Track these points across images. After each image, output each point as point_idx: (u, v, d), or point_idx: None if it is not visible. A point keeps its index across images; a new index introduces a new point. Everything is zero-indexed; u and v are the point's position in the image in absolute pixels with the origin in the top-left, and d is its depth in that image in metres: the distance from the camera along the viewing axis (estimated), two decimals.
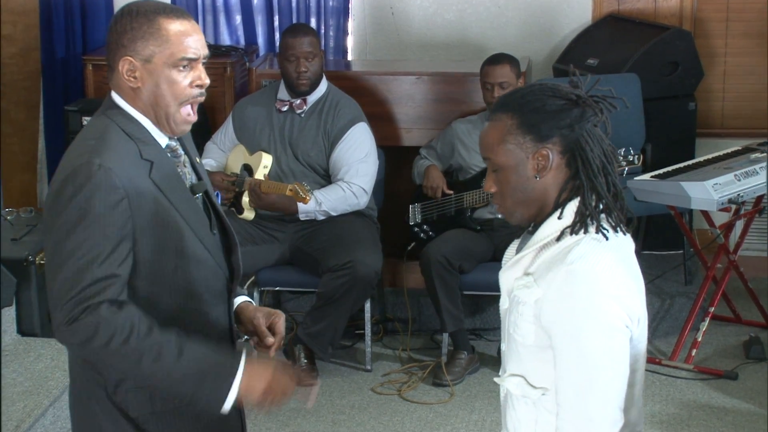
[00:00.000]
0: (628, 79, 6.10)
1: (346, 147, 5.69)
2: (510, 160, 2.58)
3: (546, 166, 2.56)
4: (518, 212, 2.62)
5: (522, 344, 2.60)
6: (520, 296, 2.58)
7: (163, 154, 2.84)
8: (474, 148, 5.85)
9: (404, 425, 5.24)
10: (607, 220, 2.58)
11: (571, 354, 2.50)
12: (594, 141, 2.57)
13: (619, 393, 2.52)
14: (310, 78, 5.72)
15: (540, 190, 2.59)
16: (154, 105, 2.82)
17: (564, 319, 2.50)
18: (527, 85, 2.65)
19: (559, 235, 2.56)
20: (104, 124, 2.80)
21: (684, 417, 5.23)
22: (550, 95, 2.58)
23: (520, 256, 2.64)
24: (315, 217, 5.65)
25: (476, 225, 5.84)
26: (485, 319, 6.14)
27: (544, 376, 2.57)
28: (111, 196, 2.67)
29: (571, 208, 2.58)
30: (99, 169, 2.67)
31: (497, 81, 5.68)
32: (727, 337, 6.06)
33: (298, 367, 5.65)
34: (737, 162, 5.67)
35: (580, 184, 2.57)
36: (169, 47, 2.78)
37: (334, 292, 5.48)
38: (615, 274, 2.51)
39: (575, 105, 2.56)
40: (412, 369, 5.80)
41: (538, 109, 2.56)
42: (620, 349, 2.52)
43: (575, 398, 2.51)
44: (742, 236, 6.02)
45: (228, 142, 5.94)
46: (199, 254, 2.84)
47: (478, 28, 6.87)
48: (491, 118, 2.62)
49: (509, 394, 2.67)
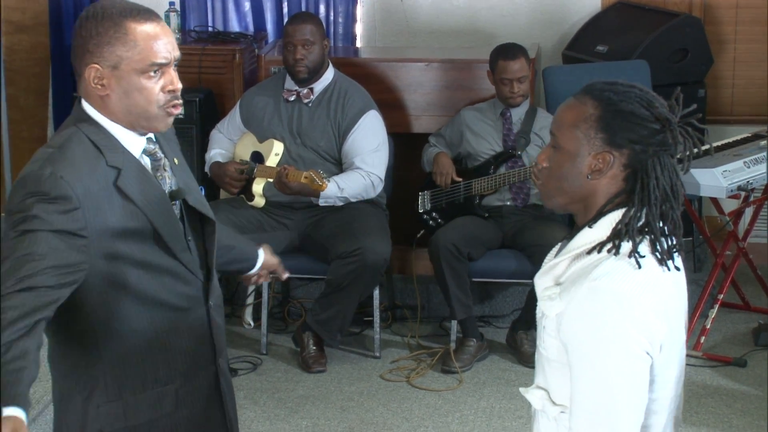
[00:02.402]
0: (637, 65, 6.09)
1: (360, 136, 5.69)
2: (572, 146, 2.46)
3: (602, 170, 2.44)
4: (555, 199, 2.52)
5: (546, 358, 2.51)
6: (544, 309, 2.49)
7: (133, 162, 2.72)
8: (482, 136, 5.85)
9: (413, 412, 5.25)
10: (651, 250, 2.44)
11: (585, 374, 2.40)
12: (664, 171, 2.44)
13: (632, 420, 2.41)
14: (308, 66, 5.70)
15: (586, 191, 2.47)
16: (126, 112, 2.69)
17: (581, 337, 2.40)
18: (628, 84, 2.48)
19: (590, 249, 2.45)
20: (69, 133, 2.69)
21: (693, 404, 5.23)
22: (644, 106, 2.44)
23: (555, 262, 2.53)
24: (334, 203, 5.65)
25: (485, 212, 5.83)
26: (494, 306, 6.14)
27: (564, 394, 2.47)
28: (60, 204, 2.56)
29: (607, 221, 2.46)
30: (49, 177, 2.57)
31: (516, 76, 5.67)
32: (736, 324, 6.05)
33: (307, 353, 5.66)
34: (746, 149, 5.66)
35: (630, 203, 2.45)
36: (137, 52, 2.64)
37: (343, 279, 5.48)
38: (640, 295, 2.38)
39: (662, 130, 2.43)
40: (421, 356, 5.80)
41: (624, 114, 2.43)
42: (637, 374, 2.40)
43: (585, 422, 2.41)
44: (752, 223, 6.02)
45: (235, 131, 5.94)
46: (166, 263, 2.74)
47: (488, 14, 6.86)
48: (576, 96, 2.49)
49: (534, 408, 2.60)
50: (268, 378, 5.58)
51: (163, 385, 2.80)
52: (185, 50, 6.39)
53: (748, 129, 6.20)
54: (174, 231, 2.77)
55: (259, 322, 5.94)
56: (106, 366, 2.73)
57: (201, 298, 2.86)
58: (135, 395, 2.77)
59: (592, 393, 2.40)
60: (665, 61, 6.33)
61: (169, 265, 2.75)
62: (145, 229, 2.70)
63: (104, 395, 2.75)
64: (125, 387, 2.76)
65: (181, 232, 2.80)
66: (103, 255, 2.64)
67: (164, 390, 2.80)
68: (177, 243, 2.77)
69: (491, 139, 5.82)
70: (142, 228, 2.69)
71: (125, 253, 2.68)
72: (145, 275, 2.72)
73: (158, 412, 2.80)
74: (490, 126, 5.85)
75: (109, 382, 2.73)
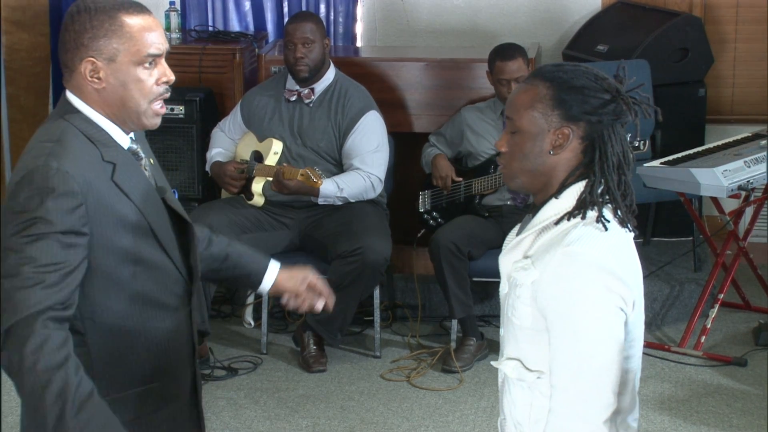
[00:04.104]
0: (637, 65, 6.08)
1: (359, 137, 5.69)
2: (532, 127, 2.57)
3: (563, 145, 2.56)
4: (520, 179, 2.63)
5: (519, 327, 2.60)
6: (518, 278, 2.58)
7: (126, 156, 2.74)
8: (483, 135, 5.85)
9: (413, 411, 5.25)
10: (613, 215, 2.57)
11: (565, 335, 2.50)
12: (617, 139, 2.58)
13: (612, 376, 2.51)
14: (308, 65, 5.70)
15: (549, 167, 2.58)
16: (121, 105, 2.71)
17: (559, 301, 2.50)
18: (573, 63, 2.64)
19: (558, 219, 2.57)
20: (61, 127, 2.68)
21: (693, 403, 5.23)
22: (592, 81, 2.57)
23: (520, 239, 2.64)
24: (333, 202, 5.65)
25: (485, 211, 5.84)
26: (494, 306, 6.14)
27: (540, 360, 2.57)
28: (67, 201, 2.57)
29: (572, 191, 2.58)
30: (56, 173, 2.57)
31: (513, 77, 5.66)
32: (736, 324, 6.06)
33: (307, 353, 5.67)
34: (747, 148, 5.66)
35: (591, 173, 2.57)
36: (133, 44, 2.67)
37: (343, 279, 5.48)
38: (611, 257, 2.50)
39: (613, 100, 2.56)
40: (421, 355, 5.80)
41: (575, 89, 2.56)
42: (615, 331, 2.51)
43: (568, 380, 2.51)
44: (752, 223, 6.02)
45: (236, 130, 5.94)
46: (159, 259, 2.75)
47: (488, 14, 6.86)
48: (526, 82, 2.62)
49: (506, 378, 2.67)
50: (268, 377, 5.58)
51: (148, 383, 2.80)
52: (186, 50, 6.46)
53: (748, 128, 6.21)
54: (165, 227, 2.79)
55: (259, 322, 5.95)
56: (93, 361, 2.72)
57: (186, 298, 2.86)
58: (120, 392, 2.76)
59: (573, 352, 2.50)
60: (666, 60, 6.33)
61: (160, 262, 2.76)
62: (140, 224, 2.71)
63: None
64: (111, 384, 2.75)
65: (170, 229, 2.81)
66: (100, 249, 2.65)
67: (148, 389, 2.80)
68: (168, 239, 2.79)
69: (492, 139, 5.82)
70: (138, 223, 2.71)
71: (121, 247, 2.68)
72: (138, 271, 2.72)
73: (142, 410, 2.80)
74: (490, 125, 5.86)
75: (96, 378, 2.73)
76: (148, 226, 2.73)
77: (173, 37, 6.64)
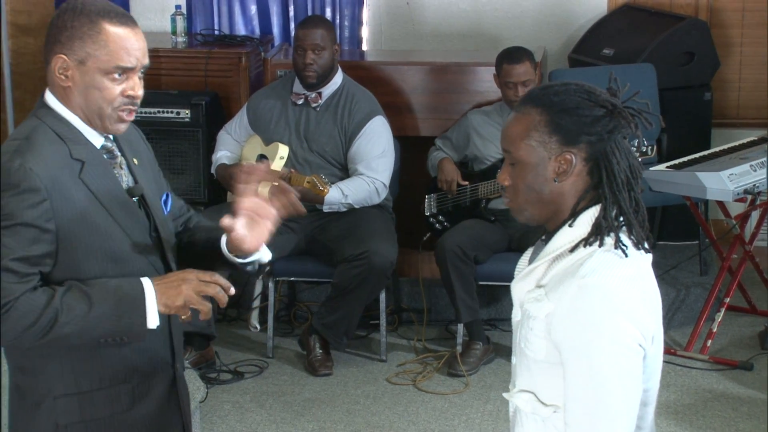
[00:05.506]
0: (643, 69, 6.09)
1: (365, 142, 5.69)
2: (531, 157, 2.47)
3: (567, 170, 2.46)
4: (528, 211, 2.52)
5: (533, 359, 2.50)
6: (531, 310, 2.48)
7: (96, 155, 2.77)
8: (489, 139, 5.85)
9: (419, 415, 5.25)
10: (628, 236, 2.47)
11: (581, 371, 2.40)
12: (621, 154, 2.47)
13: (630, 413, 2.42)
14: (317, 71, 5.70)
15: (556, 194, 2.48)
16: (85, 107, 2.74)
17: (574, 335, 2.39)
18: (562, 82, 2.51)
19: (573, 246, 2.46)
20: (33, 125, 2.74)
21: (699, 407, 5.23)
22: (585, 99, 2.46)
23: (532, 267, 2.53)
24: (338, 209, 5.65)
25: (491, 215, 5.84)
26: (500, 310, 6.14)
27: (555, 394, 2.47)
28: (30, 197, 2.61)
29: (585, 217, 2.47)
30: (19, 169, 2.62)
31: (520, 80, 5.66)
32: (742, 328, 6.05)
33: (313, 357, 5.67)
34: (753, 152, 5.65)
35: (602, 196, 2.47)
36: (106, 53, 2.69)
37: (349, 283, 5.48)
38: (629, 289, 2.40)
39: (609, 114, 2.46)
40: (427, 359, 5.80)
41: (570, 111, 2.45)
42: (632, 368, 2.41)
43: (584, 417, 2.41)
44: (758, 227, 6.01)
45: (242, 133, 5.94)
46: (129, 257, 2.76)
47: (494, 18, 6.87)
48: (518, 110, 2.50)
49: (518, 411, 2.58)
50: (274, 381, 5.58)
51: (120, 382, 2.81)
52: (191, 53, 6.47)
53: (754, 132, 6.20)
54: (136, 226, 2.80)
55: (265, 326, 5.94)
56: (63, 357, 2.74)
57: None
58: (91, 390, 2.78)
59: (589, 389, 2.40)
60: (671, 64, 6.33)
61: (131, 259, 2.78)
62: (107, 223, 2.73)
63: (61, 387, 2.76)
64: (82, 381, 2.77)
65: (146, 228, 2.83)
66: (68, 245, 2.68)
67: (121, 387, 2.81)
68: (140, 238, 2.80)
69: (498, 142, 5.81)
70: (104, 221, 2.73)
71: (89, 244, 2.71)
72: (109, 268, 2.74)
73: (114, 408, 2.81)
74: (496, 129, 5.85)
75: (66, 374, 2.75)
76: (118, 225, 2.75)
77: (179, 41, 6.65)
